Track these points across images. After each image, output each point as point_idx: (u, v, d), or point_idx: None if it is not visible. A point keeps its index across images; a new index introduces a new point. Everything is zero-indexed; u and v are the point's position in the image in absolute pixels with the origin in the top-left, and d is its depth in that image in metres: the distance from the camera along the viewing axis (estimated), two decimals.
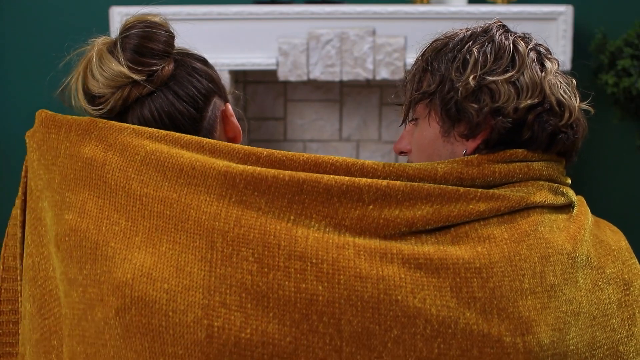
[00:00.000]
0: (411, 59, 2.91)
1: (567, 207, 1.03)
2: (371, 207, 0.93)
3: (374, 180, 0.94)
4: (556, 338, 0.91)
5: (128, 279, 0.91)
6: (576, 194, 1.08)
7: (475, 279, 0.91)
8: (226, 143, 1.00)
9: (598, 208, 3.78)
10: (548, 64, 1.05)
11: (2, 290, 1.08)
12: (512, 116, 1.01)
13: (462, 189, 0.95)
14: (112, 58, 1.05)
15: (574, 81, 1.09)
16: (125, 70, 1.04)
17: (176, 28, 1.11)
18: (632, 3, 3.12)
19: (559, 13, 2.84)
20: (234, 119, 1.15)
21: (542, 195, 0.98)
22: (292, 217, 0.92)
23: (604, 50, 3.02)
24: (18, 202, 1.12)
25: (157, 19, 1.10)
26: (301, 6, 2.91)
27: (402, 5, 2.90)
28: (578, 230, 0.99)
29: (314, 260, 0.90)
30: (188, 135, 1.01)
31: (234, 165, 0.95)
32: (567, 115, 1.04)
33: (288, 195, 0.93)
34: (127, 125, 1.02)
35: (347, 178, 0.93)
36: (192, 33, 1.17)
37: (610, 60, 2.99)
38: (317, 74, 2.94)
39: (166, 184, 0.95)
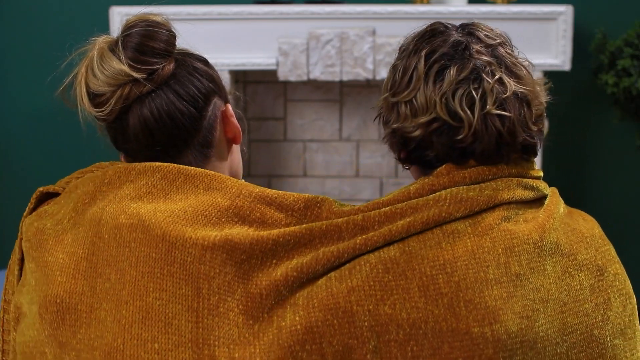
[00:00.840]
0: None
1: (539, 201, 1.03)
2: (348, 240, 0.97)
3: (351, 217, 0.98)
4: (524, 325, 0.93)
5: (119, 345, 0.93)
6: (576, 194, 1.09)
7: (440, 275, 0.93)
8: (216, 182, 1.02)
9: (598, 208, 3.79)
10: (450, 75, 0.99)
11: (4, 322, 1.10)
12: (412, 135, 1.02)
13: (431, 198, 0.98)
14: (113, 56, 1.05)
15: (510, 85, 1.00)
16: (125, 68, 1.04)
17: (176, 28, 1.12)
18: (632, 3, 3.12)
19: (559, 13, 2.84)
20: (234, 120, 1.15)
21: (511, 192, 0.99)
22: (274, 261, 0.95)
23: (604, 50, 3.02)
24: (14, 257, 1.12)
25: (158, 19, 1.10)
26: (301, 6, 2.91)
27: (402, 5, 2.90)
28: (547, 219, 1.00)
29: (291, 299, 0.93)
30: (186, 169, 1.02)
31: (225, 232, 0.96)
32: (466, 127, 0.98)
33: (272, 238, 0.96)
34: (129, 168, 1.03)
35: (326, 221, 0.98)
36: (193, 33, 1.17)
37: (610, 60, 2.99)
38: (317, 74, 2.94)
39: (156, 239, 0.96)
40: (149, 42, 1.06)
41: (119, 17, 2.88)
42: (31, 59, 3.22)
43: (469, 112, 0.98)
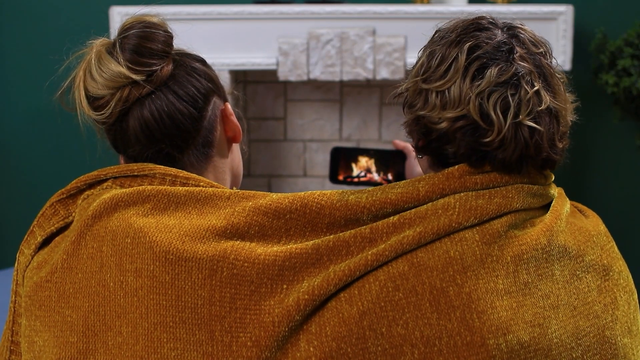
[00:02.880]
0: (411, 58, 2.91)
1: (547, 206, 1.02)
2: (357, 254, 0.95)
3: (358, 229, 0.95)
4: (537, 334, 0.91)
5: None
6: (576, 194, 1.09)
7: (451, 287, 0.91)
8: (215, 195, 1.00)
9: (598, 208, 3.78)
10: (490, 74, 0.96)
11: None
12: (436, 127, 0.98)
13: (440, 207, 0.95)
14: (111, 59, 1.04)
15: (546, 99, 0.97)
16: (124, 70, 1.04)
17: (176, 28, 1.11)
18: (632, 3, 3.12)
19: (559, 13, 2.84)
20: (234, 118, 1.15)
21: (520, 200, 0.98)
22: (284, 287, 0.93)
23: (604, 50, 3.02)
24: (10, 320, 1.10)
25: (155, 20, 1.09)
26: (301, 6, 2.91)
27: (402, 5, 2.90)
28: (554, 221, 0.98)
29: (304, 325, 0.92)
30: (176, 192, 1.00)
31: (222, 244, 0.95)
32: (495, 132, 0.95)
33: (278, 263, 0.94)
34: (117, 198, 1.00)
35: (333, 236, 0.95)
36: (192, 33, 1.17)
37: (611, 60, 2.99)
38: (317, 73, 2.94)
39: (157, 264, 0.94)
40: (147, 44, 1.06)
41: (119, 17, 2.88)
42: (31, 59, 3.22)
43: (501, 117, 0.95)
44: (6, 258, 3.32)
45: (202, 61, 1.14)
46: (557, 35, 2.86)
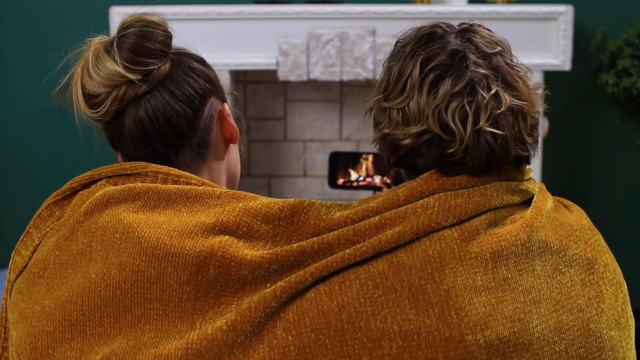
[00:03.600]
0: None
1: (526, 201, 1.03)
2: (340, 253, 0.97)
3: (341, 231, 0.97)
4: (517, 328, 0.92)
5: None
6: (576, 194, 1.09)
7: (429, 285, 0.92)
8: (207, 194, 1.00)
9: (598, 208, 3.78)
10: (444, 86, 0.97)
11: None
12: (402, 143, 1.00)
13: (420, 206, 0.97)
14: (108, 57, 1.04)
15: (505, 99, 0.97)
16: (120, 69, 1.04)
17: (176, 28, 1.11)
18: (632, 3, 3.12)
19: (559, 13, 2.84)
20: (231, 119, 1.15)
21: (499, 197, 0.98)
22: (268, 285, 0.95)
23: (604, 50, 3.02)
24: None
25: (154, 19, 1.09)
26: (301, 6, 2.91)
27: (402, 5, 2.90)
28: (535, 217, 0.99)
29: (281, 313, 0.93)
30: (166, 190, 1.00)
31: (210, 239, 0.95)
32: (458, 142, 0.96)
33: (264, 265, 0.95)
34: (108, 195, 1.00)
35: (317, 238, 0.97)
36: (192, 33, 1.17)
37: (611, 60, 2.99)
38: (317, 73, 2.94)
39: (144, 259, 0.95)
40: (144, 43, 1.06)
41: (118, 17, 2.88)
42: (31, 59, 3.22)
43: (460, 126, 0.96)
44: (6, 258, 3.32)
45: (201, 61, 1.14)
46: (557, 35, 2.86)
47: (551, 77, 3.03)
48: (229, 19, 2.89)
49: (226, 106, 1.15)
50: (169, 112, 1.07)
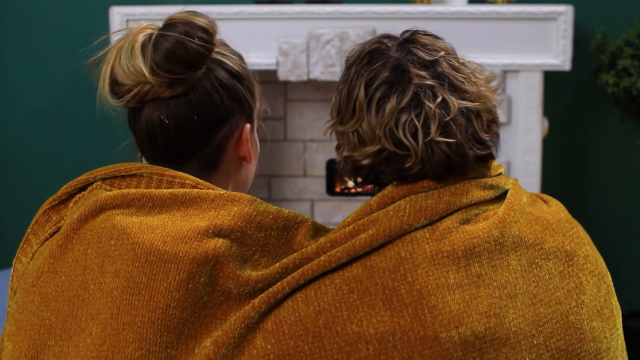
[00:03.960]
0: None
1: (501, 197, 1.03)
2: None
3: (319, 243, 0.99)
4: (492, 324, 0.93)
5: None
6: (576, 194, 1.09)
7: (402, 286, 0.93)
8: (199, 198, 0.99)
9: (598, 208, 3.77)
10: (390, 104, 0.98)
11: None
12: (363, 164, 1.02)
13: (391, 209, 0.98)
14: (141, 54, 1.02)
15: (454, 104, 0.98)
16: (145, 71, 1.01)
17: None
18: (632, 3, 3.12)
19: (559, 13, 2.84)
20: (248, 144, 1.12)
21: (470, 195, 0.99)
22: (252, 300, 0.96)
23: (604, 50, 3.02)
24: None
25: (201, 22, 1.05)
26: (301, 6, 2.91)
27: (402, 5, 2.90)
28: (507, 213, 0.99)
29: (260, 324, 0.94)
30: (160, 195, 1.00)
31: (205, 242, 0.95)
32: (413, 156, 0.98)
33: (251, 283, 0.96)
34: (101, 201, 0.99)
35: (297, 253, 0.98)
36: None
37: (611, 60, 2.99)
38: (317, 73, 2.94)
39: (137, 265, 0.94)
40: (180, 51, 1.02)
41: (119, 17, 2.88)
42: (31, 59, 3.22)
43: (412, 140, 0.97)
44: (6, 258, 3.32)
45: (236, 74, 1.10)
46: (557, 35, 2.86)
47: (551, 77, 3.03)
48: (229, 19, 2.89)
49: (247, 128, 1.12)
50: (181, 125, 1.05)
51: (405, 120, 0.97)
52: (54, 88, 3.22)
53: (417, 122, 0.97)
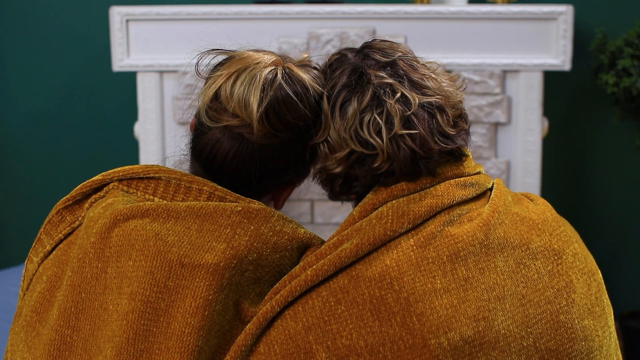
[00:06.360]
0: None
1: (483, 195, 1.03)
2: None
3: (306, 259, 0.99)
4: (481, 327, 0.93)
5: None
6: (576, 194, 1.08)
7: (389, 294, 0.93)
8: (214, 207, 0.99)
9: (598, 208, 3.76)
10: (352, 106, 1.00)
11: None
12: (336, 172, 1.03)
13: (374, 216, 0.98)
14: (253, 96, 1.01)
15: (414, 99, 1.00)
16: (244, 115, 1.01)
17: (177, 28, 1.10)
18: (632, 3, 3.12)
19: (559, 13, 2.84)
20: (283, 202, 1.13)
21: (451, 195, 1.00)
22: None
23: (604, 50, 3.02)
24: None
25: (311, 81, 1.05)
26: (301, 6, 2.91)
27: (402, 5, 2.90)
28: (492, 214, 0.99)
29: (254, 347, 0.95)
30: (175, 207, 0.99)
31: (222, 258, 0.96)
32: (380, 154, 0.99)
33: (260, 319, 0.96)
34: (116, 213, 0.99)
35: (286, 276, 0.98)
36: (192, 33, 1.16)
37: (611, 60, 2.99)
38: None
39: (155, 290, 0.94)
40: (285, 112, 1.02)
41: (118, 17, 2.88)
42: (31, 59, 3.22)
43: (377, 138, 0.98)
44: (6, 258, 3.32)
45: (313, 149, 1.07)
46: (557, 35, 2.86)
47: (551, 77, 3.03)
48: (229, 19, 2.89)
49: (290, 191, 1.13)
50: (234, 169, 1.05)
51: (369, 119, 0.99)
52: (53, 89, 3.22)
53: (380, 120, 0.99)
